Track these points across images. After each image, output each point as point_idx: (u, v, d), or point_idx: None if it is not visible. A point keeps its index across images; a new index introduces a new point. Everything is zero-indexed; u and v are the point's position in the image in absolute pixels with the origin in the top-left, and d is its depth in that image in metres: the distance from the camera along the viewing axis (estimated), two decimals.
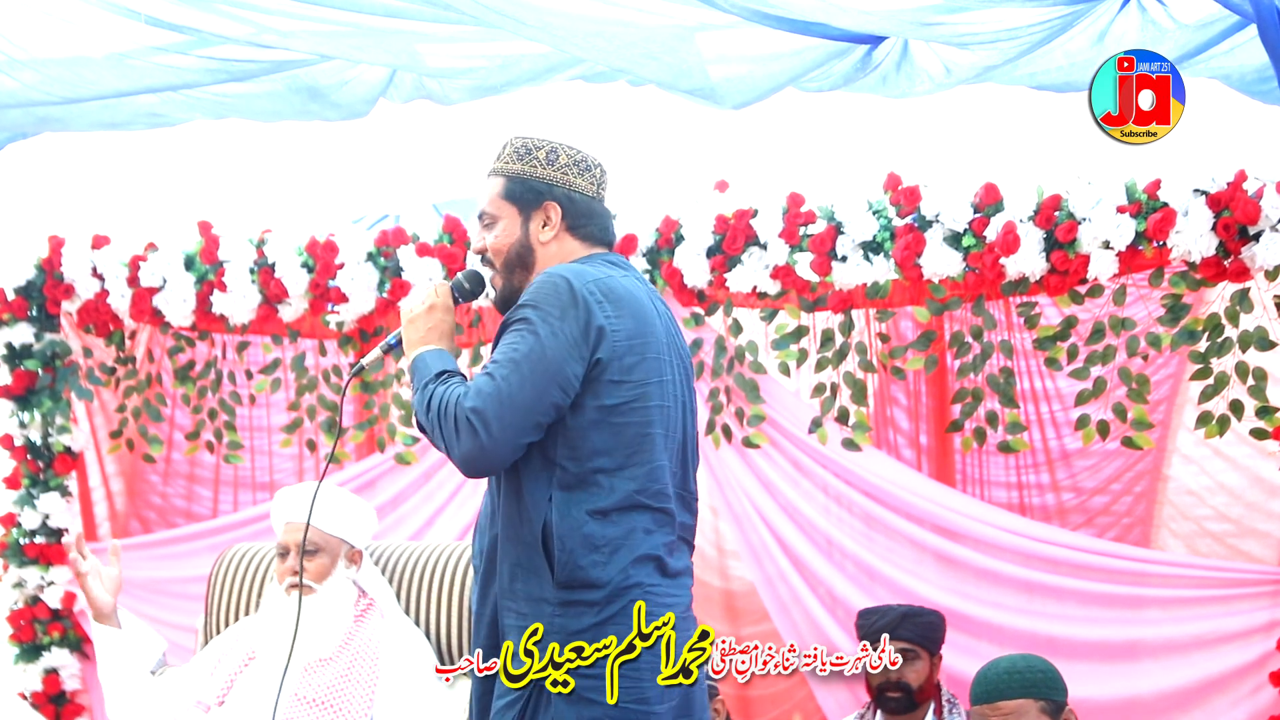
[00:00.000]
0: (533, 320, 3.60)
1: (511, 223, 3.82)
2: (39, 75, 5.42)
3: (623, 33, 4.97)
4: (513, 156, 3.84)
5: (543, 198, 3.81)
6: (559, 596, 3.60)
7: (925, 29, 4.85)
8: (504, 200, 3.83)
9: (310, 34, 5.12)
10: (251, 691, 5.12)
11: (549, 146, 3.84)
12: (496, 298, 3.88)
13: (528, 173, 3.82)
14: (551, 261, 3.80)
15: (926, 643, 5.52)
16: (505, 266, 3.84)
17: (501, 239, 3.82)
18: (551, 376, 3.57)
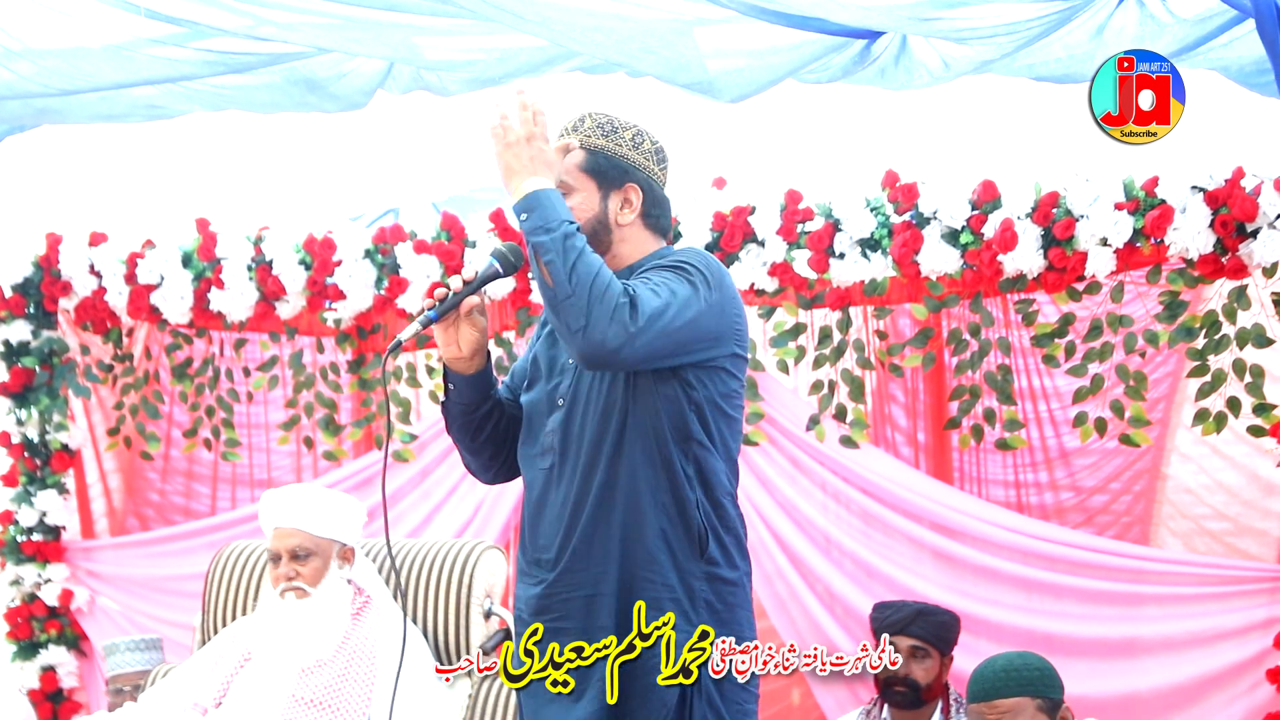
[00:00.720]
0: (696, 277, 3.50)
1: (590, 196, 3.64)
2: (35, 67, 5.41)
3: (620, 26, 4.96)
4: (596, 130, 3.67)
5: (627, 178, 3.66)
6: (704, 570, 3.56)
7: (923, 24, 4.85)
8: (583, 172, 3.64)
9: (308, 26, 5.11)
10: (248, 693, 5.11)
11: (634, 128, 3.70)
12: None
13: (613, 150, 3.65)
14: (625, 246, 3.67)
15: (938, 642, 5.51)
16: None
17: (579, 212, 3.58)
18: (689, 333, 3.48)
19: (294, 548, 5.14)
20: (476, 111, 6.93)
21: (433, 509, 6.82)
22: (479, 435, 3.78)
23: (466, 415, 3.76)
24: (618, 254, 3.67)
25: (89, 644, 7.38)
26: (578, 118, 3.70)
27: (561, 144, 3.65)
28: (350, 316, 6.87)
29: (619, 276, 3.55)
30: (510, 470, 3.86)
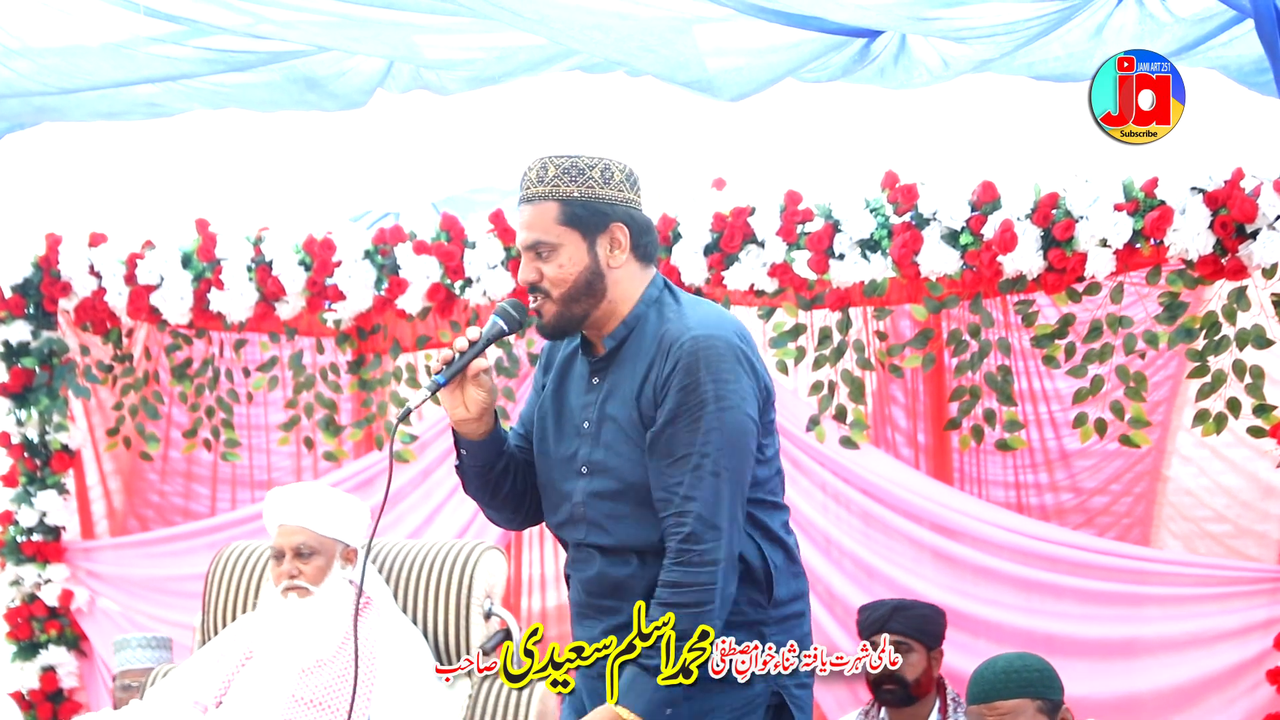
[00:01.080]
0: (709, 394, 3.41)
1: (576, 250, 3.48)
2: (34, 65, 5.42)
3: (620, 25, 4.96)
4: (564, 178, 3.48)
5: (608, 220, 3.50)
6: (775, 615, 3.55)
7: (922, 23, 4.86)
8: (564, 226, 3.47)
9: (307, 25, 5.12)
10: (248, 692, 5.11)
11: (601, 164, 3.52)
12: (547, 325, 3.55)
13: (587, 194, 3.49)
14: (621, 286, 3.54)
15: (921, 635, 5.51)
16: (568, 297, 3.50)
17: (568, 268, 3.48)
18: (747, 445, 3.46)
19: (298, 545, 5.14)
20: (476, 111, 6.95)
21: (434, 509, 6.82)
22: (498, 494, 3.72)
23: (483, 476, 3.68)
24: (613, 298, 3.56)
25: (89, 644, 7.38)
26: (539, 168, 3.53)
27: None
28: (350, 317, 6.87)
29: (617, 335, 3.57)
30: (536, 516, 3.79)
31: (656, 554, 3.48)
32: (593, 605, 3.63)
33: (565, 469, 3.62)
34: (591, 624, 3.63)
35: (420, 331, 6.82)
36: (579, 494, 3.58)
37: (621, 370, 3.57)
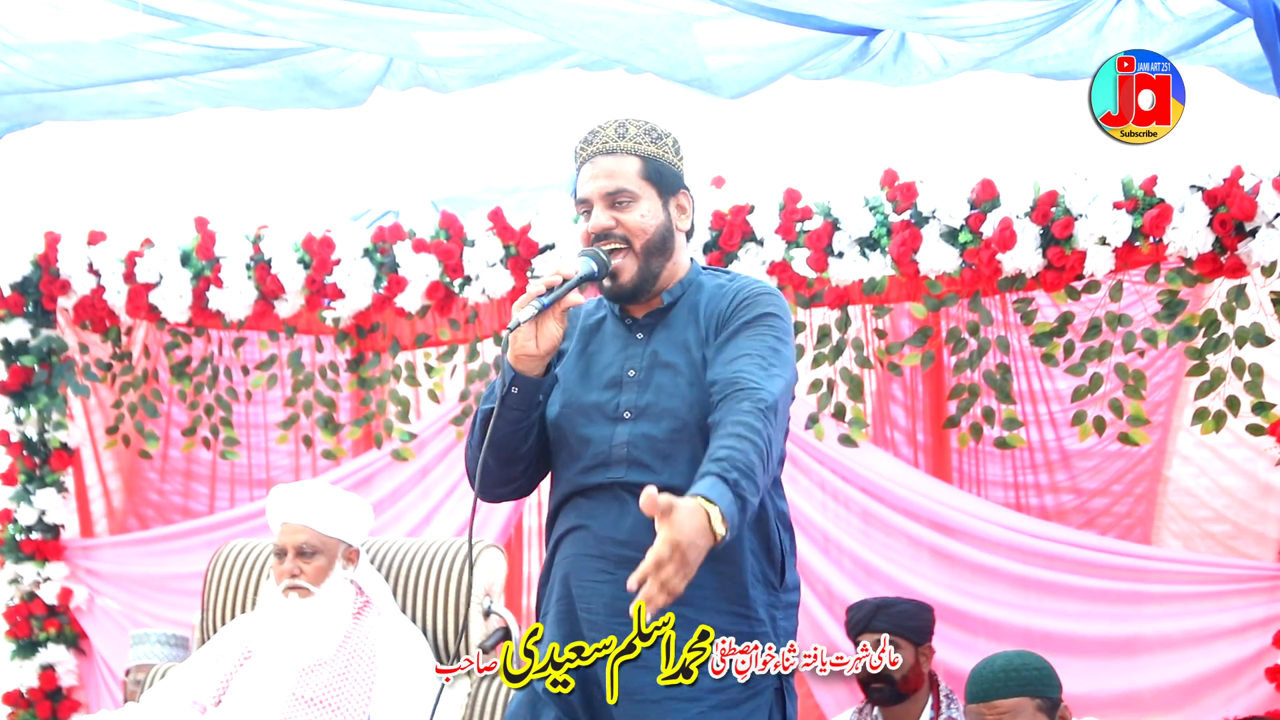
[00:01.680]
0: (783, 332, 3.51)
1: (654, 204, 3.58)
2: (33, 62, 5.42)
3: (620, 23, 4.97)
4: (645, 138, 3.61)
5: (679, 185, 3.64)
6: (784, 601, 3.57)
7: (922, 22, 4.86)
8: (644, 180, 3.58)
9: (307, 22, 5.12)
10: (248, 691, 5.11)
11: (672, 135, 3.66)
12: (626, 284, 3.58)
13: (663, 157, 3.61)
14: (682, 252, 3.65)
15: (906, 632, 5.49)
16: (647, 249, 3.57)
17: (648, 219, 3.56)
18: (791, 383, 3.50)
19: (300, 544, 5.14)
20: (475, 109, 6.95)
21: (432, 508, 6.82)
22: (522, 445, 3.66)
23: (519, 424, 3.63)
24: (676, 261, 3.64)
25: (88, 642, 7.38)
26: (617, 124, 3.62)
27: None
28: (349, 315, 6.87)
29: (673, 293, 3.62)
30: (531, 485, 3.78)
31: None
32: (609, 556, 3.56)
33: (597, 416, 3.59)
34: (602, 579, 3.56)
35: (419, 330, 6.83)
36: (621, 436, 3.55)
37: (675, 324, 3.61)
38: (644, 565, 3.03)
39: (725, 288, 3.61)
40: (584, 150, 3.65)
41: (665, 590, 3.04)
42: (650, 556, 3.03)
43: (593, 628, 3.56)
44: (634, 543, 3.47)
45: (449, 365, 6.86)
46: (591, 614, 3.59)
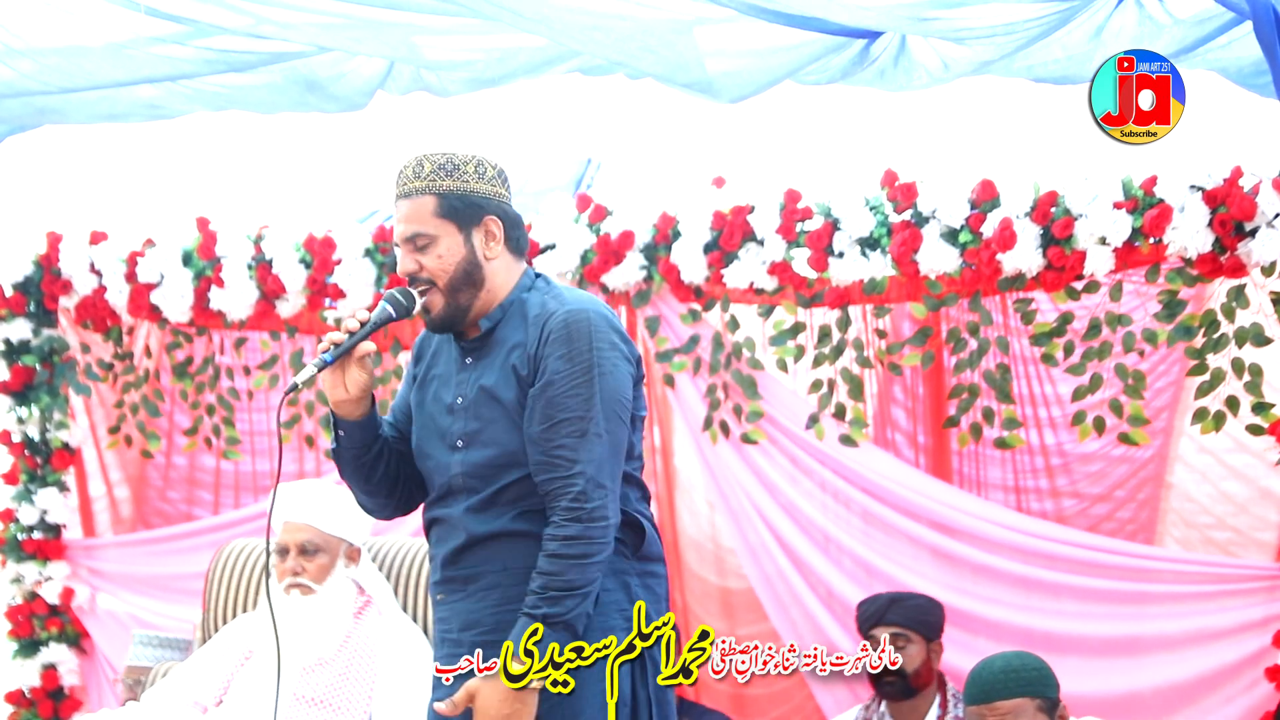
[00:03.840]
0: (586, 364, 3.58)
1: (453, 241, 3.67)
2: (36, 65, 5.42)
3: (620, 26, 4.97)
4: (440, 173, 3.69)
5: (483, 213, 3.69)
6: (639, 568, 3.68)
7: (922, 24, 4.86)
8: (441, 219, 3.67)
9: (308, 25, 5.12)
10: (249, 691, 5.12)
11: (474, 159, 3.73)
12: (436, 319, 3.73)
13: (461, 189, 3.69)
14: (498, 277, 3.72)
15: (918, 626, 5.52)
16: (450, 287, 3.68)
17: (447, 259, 3.66)
18: (624, 413, 3.63)
19: (303, 543, 5.16)
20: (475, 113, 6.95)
21: None
22: (372, 477, 3.82)
23: (358, 460, 3.79)
24: (491, 288, 3.72)
25: (90, 642, 7.38)
26: (415, 163, 3.73)
27: None
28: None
29: (493, 317, 3.72)
30: (407, 506, 3.92)
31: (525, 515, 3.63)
32: (451, 578, 3.72)
33: (440, 445, 3.73)
34: (451, 601, 3.71)
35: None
36: (455, 466, 3.70)
37: (496, 348, 3.71)
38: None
39: (537, 316, 3.68)
40: (395, 189, 3.78)
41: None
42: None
43: (453, 645, 3.69)
44: (461, 557, 3.69)
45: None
46: (450, 633, 3.73)
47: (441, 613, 3.76)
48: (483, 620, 3.64)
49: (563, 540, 3.51)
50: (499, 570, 3.63)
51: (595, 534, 3.51)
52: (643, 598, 3.63)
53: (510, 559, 3.62)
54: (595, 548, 3.51)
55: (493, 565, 3.64)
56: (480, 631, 3.63)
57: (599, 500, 3.53)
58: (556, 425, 3.56)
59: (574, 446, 3.54)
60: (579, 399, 3.56)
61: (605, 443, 3.56)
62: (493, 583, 3.64)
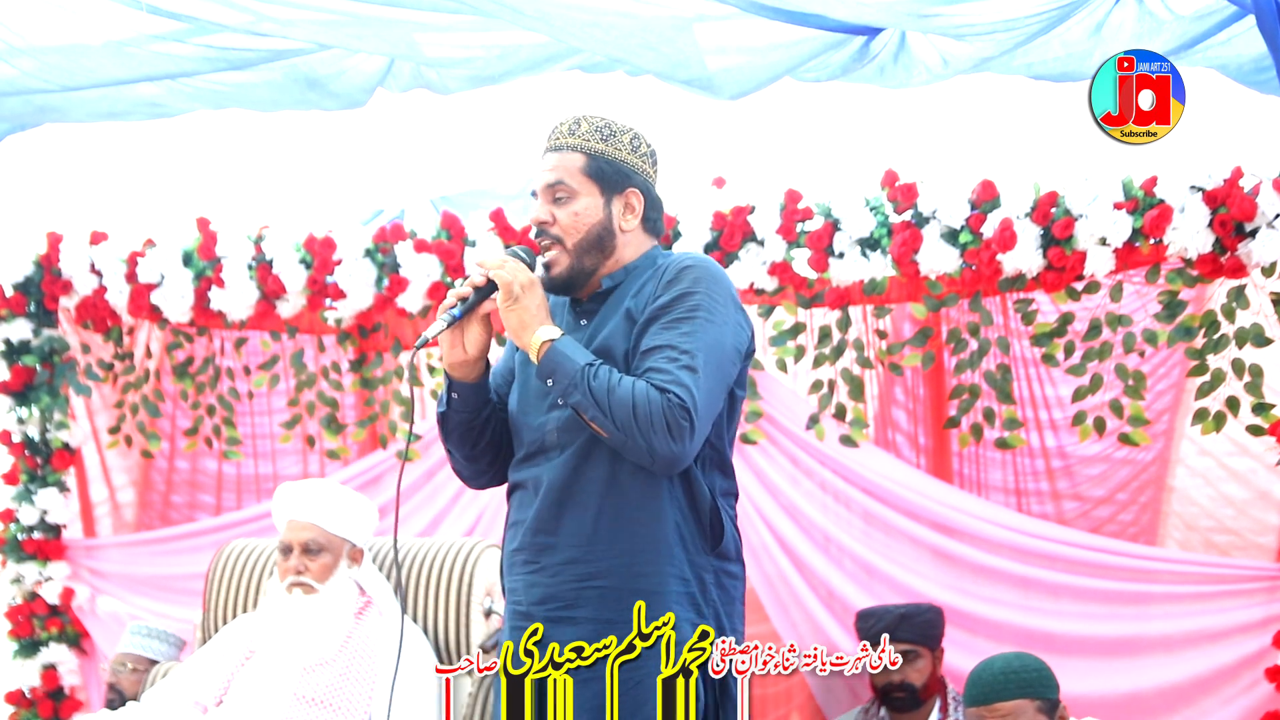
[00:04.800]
0: (703, 306, 3.52)
1: (594, 201, 3.64)
2: (37, 63, 5.42)
3: (621, 23, 4.97)
4: (594, 134, 3.66)
5: (628, 183, 3.66)
6: (715, 565, 3.60)
7: (922, 20, 4.86)
8: (586, 177, 3.64)
9: (308, 23, 5.12)
10: (249, 691, 5.12)
11: (631, 131, 3.70)
12: (557, 278, 3.66)
13: (612, 154, 3.65)
14: (627, 249, 3.69)
15: (927, 640, 5.54)
16: (579, 246, 3.64)
17: (583, 217, 3.63)
18: (728, 370, 3.56)
19: (306, 542, 5.16)
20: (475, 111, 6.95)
21: (441, 510, 6.79)
22: (479, 442, 3.76)
23: (468, 424, 3.73)
24: (620, 258, 3.69)
25: (90, 642, 7.38)
26: (572, 121, 3.68)
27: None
28: (351, 315, 6.87)
29: (615, 277, 3.67)
30: (503, 476, 3.83)
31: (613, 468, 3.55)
32: (529, 546, 3.64)
33: (540, 404, 3.66)
34: (529, 569, 3.64)
35: (421, 330, 6.82)
36: (551, 423, 3.63)
37: (613, 307, 3.66)
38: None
39: (663, 265, 3.65)
40: (544, 144, 3.72)
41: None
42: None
43: (522, 618, 3.63)
44: (548, 529, 3.60)
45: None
46: (517, 605, 3.67)
47: (513, 584, 3.68)
48: (560, 595, 3.57)
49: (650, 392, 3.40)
50: (581, 544, 3.55)
51: (666, 420, 3.40)
52: (717, 598, 3.58)
53: (591, 530, 3.54)
54: (652, 425, 3.39)
55: (574, 537, 3.56)
56: (555, 606, 3.57)
57: (685, 421, 3.41)
58: (652, 351, 3.50)
59: (670, 373, 3.45)
60: (679, 333, 3.50)
61: (702, 379, 3.46)
62: (571, 557, 3.56)
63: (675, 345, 3.47)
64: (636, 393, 3.40)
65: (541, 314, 3.53)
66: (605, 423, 3.42)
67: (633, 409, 3.39)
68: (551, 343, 3.49)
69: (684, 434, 3.41)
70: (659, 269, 3.64)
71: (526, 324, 3.52)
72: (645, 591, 3.49)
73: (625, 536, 3.54)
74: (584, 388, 3.42)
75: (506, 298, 3.52)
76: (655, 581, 3.52)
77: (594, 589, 3.54)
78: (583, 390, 3.43)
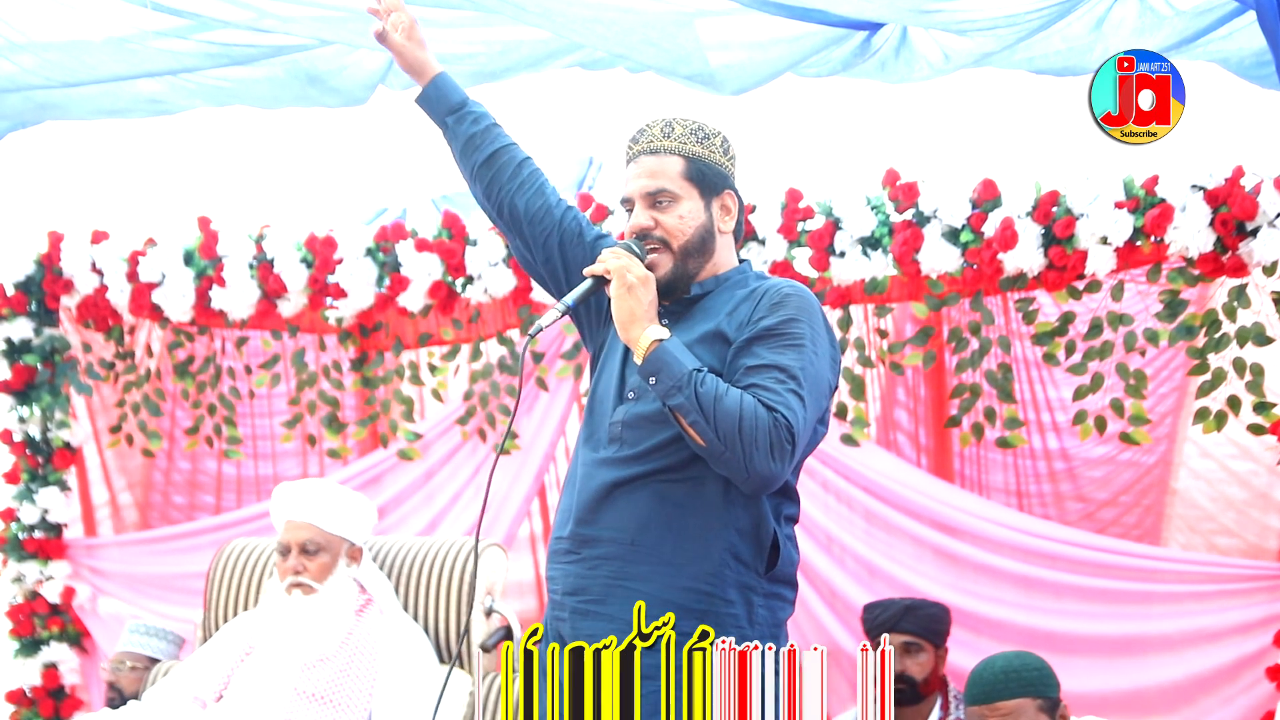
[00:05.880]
0: (807, 336, 3.51)
1: (696, 204, 3.65)
2: (38, 59, 5.43)
3: (622, 18, 4.97)
4: (691, 137, 3.66)
5: (725, 185, 3.68)
6: (766, 588, 3.58)
7: (924, 15, 4.86)
8: (686, 180, 3.65)
9: (310, 19, 5.12)
10: (249, 686, 5.12)
11: (721, 135, 3.71)
12: (661, 280, 3.63)
13: (709, 157, 3.67)
14: (723, 252, 3.71)
15: (930, 635, 5.52)
16: (684, 250, 3.65)
17: (688, 221, 3.63)
18: (822, 403, 3.56)
19: (304, 541, 5.16)
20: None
21: (440, 510, 6.80)
22: (474, 156, 3.90)
23: (451, 130, 3.92)
24: (717, 262, 3.70)
25: (91, 641, 7.39)
26: (664, 124, 3.69)
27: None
28: (352, 315, 6.87)
29: (706, 285, 3.68)
30: (513, 202, 3.88)
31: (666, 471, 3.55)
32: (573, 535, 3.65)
33: (612, 394, 3.68)
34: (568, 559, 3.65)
35: (422, 329, 6.83)
36: (619, 414, 3.64)
37: (700, 315, 3.65)
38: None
39: (758, 288, 3.64)
40: (631, 148, 3.72)
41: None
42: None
43: (556, 607, 3.67)
44: (592, 520, 3.61)
45: (452, 365, 6.86)
46: (554, 594, 3.69)
47: (552, 571, 3.69)
48: (590, 588, 3.57)
49: (759, 409, 3.38)
50: (624, 543, 3.55)
51: (770, 439, 3.37)
52: (764, 619, 3.56)
53: (639, 531, 3.54)
54: (756, 442, 3.36)
55: (620, 534, 3.55)
56: (584, 599, 3.58)
57: (789, 444, 3.39)
58: (759, 369, 3.47)
59: (776, 392, 3.42)
60: (787, 356, 3.47)
61: (806, 407, 3.44)
62: (610, 553, 3.56)
63: (784, 368, 3.45)
64: (745, 406, 3.37)
65: (652, 311, 3.52)
66: (706, 430, 3.38)
67: (739, 421, 3.36)
68: (660, 342, 3.46)
69: (785, 456, 3.39)
70: (755, 292, 3.63)
71: (638, 318, 3.49)
72: (679, 605, 3.47)
73: (669, 546, 3.54)
74: (690, 392, 3.39)
75: (620, 285, 3.50)
76: (692, 597, 3.51)
77: (625, 589, 3.53)
78: (688, 394, 3.39)
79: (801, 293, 3.59)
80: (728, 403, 3.37)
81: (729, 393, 3.39)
